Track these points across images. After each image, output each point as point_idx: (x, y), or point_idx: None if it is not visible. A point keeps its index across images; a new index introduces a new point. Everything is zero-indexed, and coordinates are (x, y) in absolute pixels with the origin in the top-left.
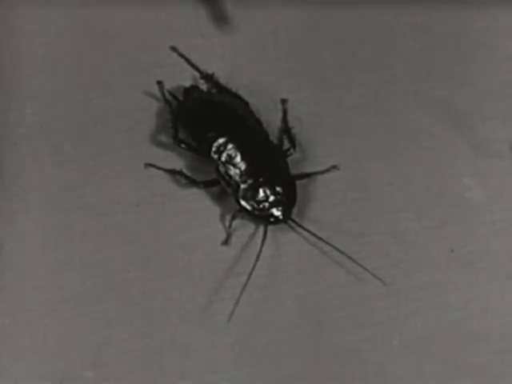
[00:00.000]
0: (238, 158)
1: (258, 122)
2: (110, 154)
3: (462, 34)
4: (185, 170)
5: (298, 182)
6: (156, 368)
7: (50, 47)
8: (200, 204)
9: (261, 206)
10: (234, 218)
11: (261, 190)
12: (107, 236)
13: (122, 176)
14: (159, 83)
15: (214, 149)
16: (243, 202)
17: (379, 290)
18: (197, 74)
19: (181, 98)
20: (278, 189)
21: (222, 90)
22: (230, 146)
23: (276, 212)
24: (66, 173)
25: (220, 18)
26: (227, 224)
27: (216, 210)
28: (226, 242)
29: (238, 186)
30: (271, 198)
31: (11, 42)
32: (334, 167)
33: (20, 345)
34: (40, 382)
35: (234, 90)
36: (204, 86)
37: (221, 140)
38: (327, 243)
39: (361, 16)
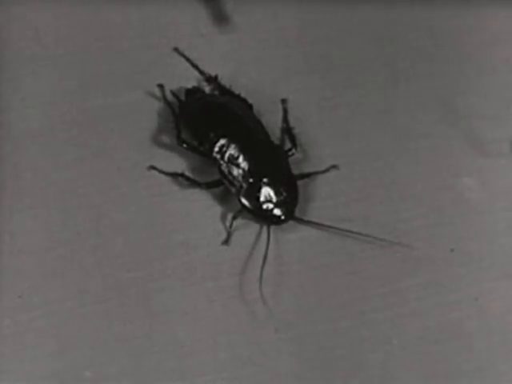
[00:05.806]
0: (241, 159)
1: (260, 124)
2: (110, 153)
3: (463, 34)
4: (186, 171)
5: (298, 182)
6: (155, 368)
7: (50, 47)
8: (200, 204)
9: (264, 206)
10: (235, 217)
11: (263, 190)
12: (107, 236)
13: (122, 176)
14: (160, 86)
15: (216, 149)
16: (246, 202)
17: (379, 289)
18: (198, 75)
19: (182, 98)
20: (280, 189)
21: (225, 91)
22: (232, 146)
23: (278, 212)
24: (66, 173)
25: (220, 18)
26: (228, 224)
27: (216, 209)
28: (226, 242)
29: (241, 186)
30: (274, 198)
31: (11, 41)
32: (334, 167)
33: (20, 345)
34: (40, 381)
35: (235, 90)
36: (207, 88)
37: (223, 140)
38: (335, 228)
39: (361, 16)
